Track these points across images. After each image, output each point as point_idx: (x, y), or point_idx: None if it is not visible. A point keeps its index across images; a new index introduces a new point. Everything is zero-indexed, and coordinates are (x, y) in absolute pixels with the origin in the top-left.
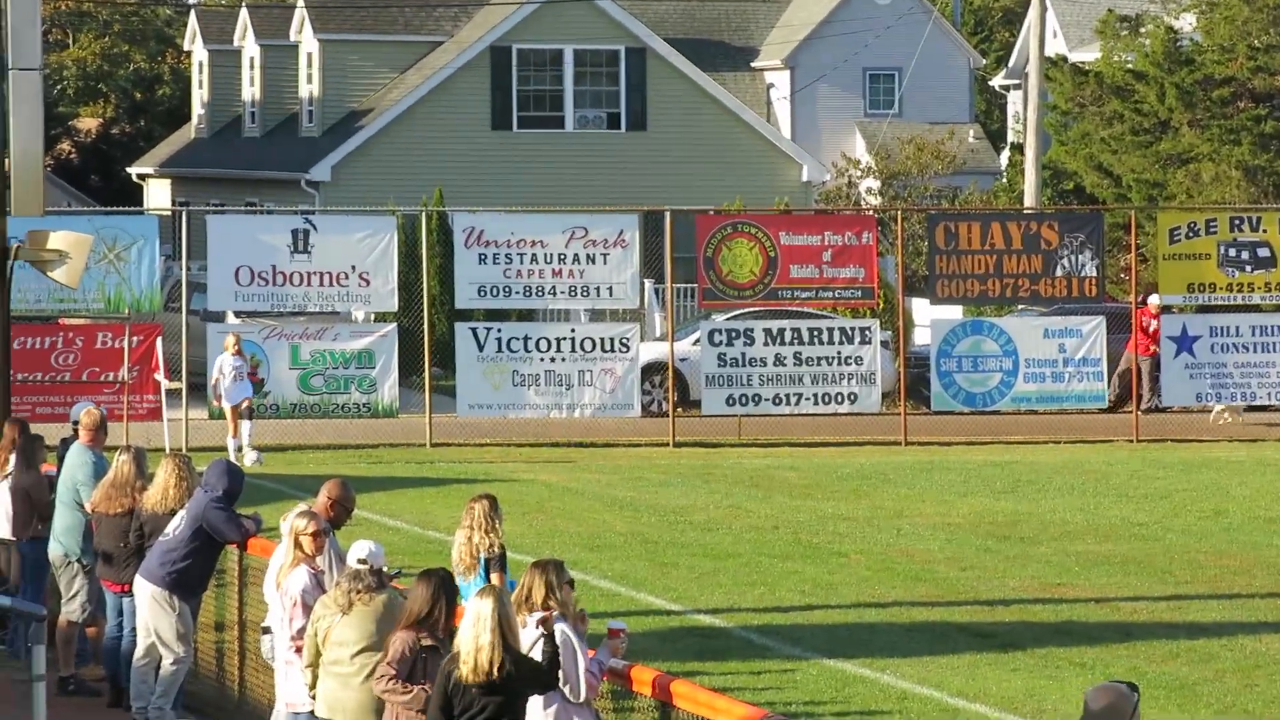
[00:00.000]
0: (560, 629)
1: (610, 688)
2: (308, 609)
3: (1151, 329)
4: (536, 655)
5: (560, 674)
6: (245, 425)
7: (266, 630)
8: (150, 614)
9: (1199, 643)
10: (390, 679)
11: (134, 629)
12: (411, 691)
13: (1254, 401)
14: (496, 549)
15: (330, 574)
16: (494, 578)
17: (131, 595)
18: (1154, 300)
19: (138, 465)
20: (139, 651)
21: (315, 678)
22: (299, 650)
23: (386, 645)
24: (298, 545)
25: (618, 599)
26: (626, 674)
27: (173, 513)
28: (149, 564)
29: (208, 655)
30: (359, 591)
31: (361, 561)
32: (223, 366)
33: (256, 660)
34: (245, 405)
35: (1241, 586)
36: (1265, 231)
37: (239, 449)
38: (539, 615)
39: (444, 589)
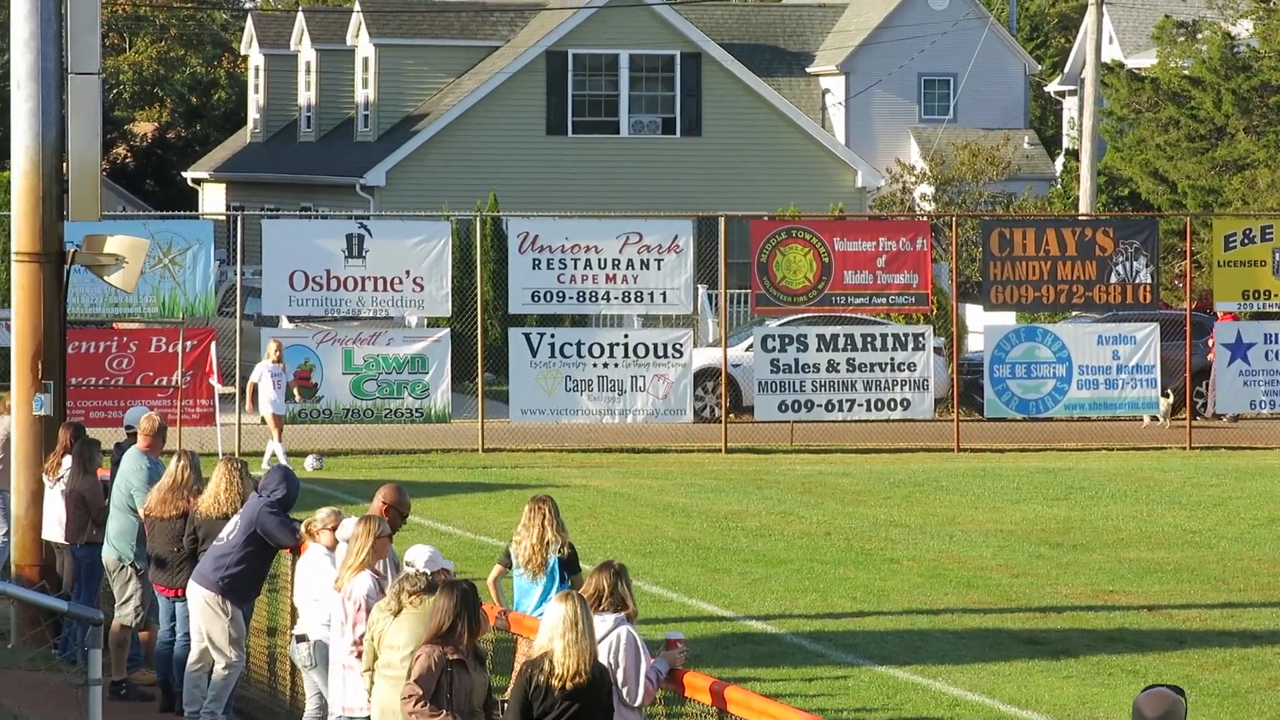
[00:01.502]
0: (627, 630)
1: (663, 694)
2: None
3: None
4: (603, 656)
5: (620, 674)
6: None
7: (302, 639)
8: (203, 618)
9: (1252, 650)
10: (417, 700)
11: (186, 634)
12: (440, 715)
13: None
14: (567, 548)
15: (388, 579)
16: (571, 579)
17: (184, 600)
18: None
19: (193, 470)
20: (192, 656)
21: (371, 683)
22: (360, 655)
23: (411, 662)
24: (372, 549)
25: (669, 605)
26: (680, 680)
27: (226, 517)
28: (202, 568)
29: (260, 660)
30: (409, 594)
31: (409, 564)
32: (263, 373)
33: None
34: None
35: None
36: None
37: (272, 456)
38: (613, 616)
39: (466, 602)
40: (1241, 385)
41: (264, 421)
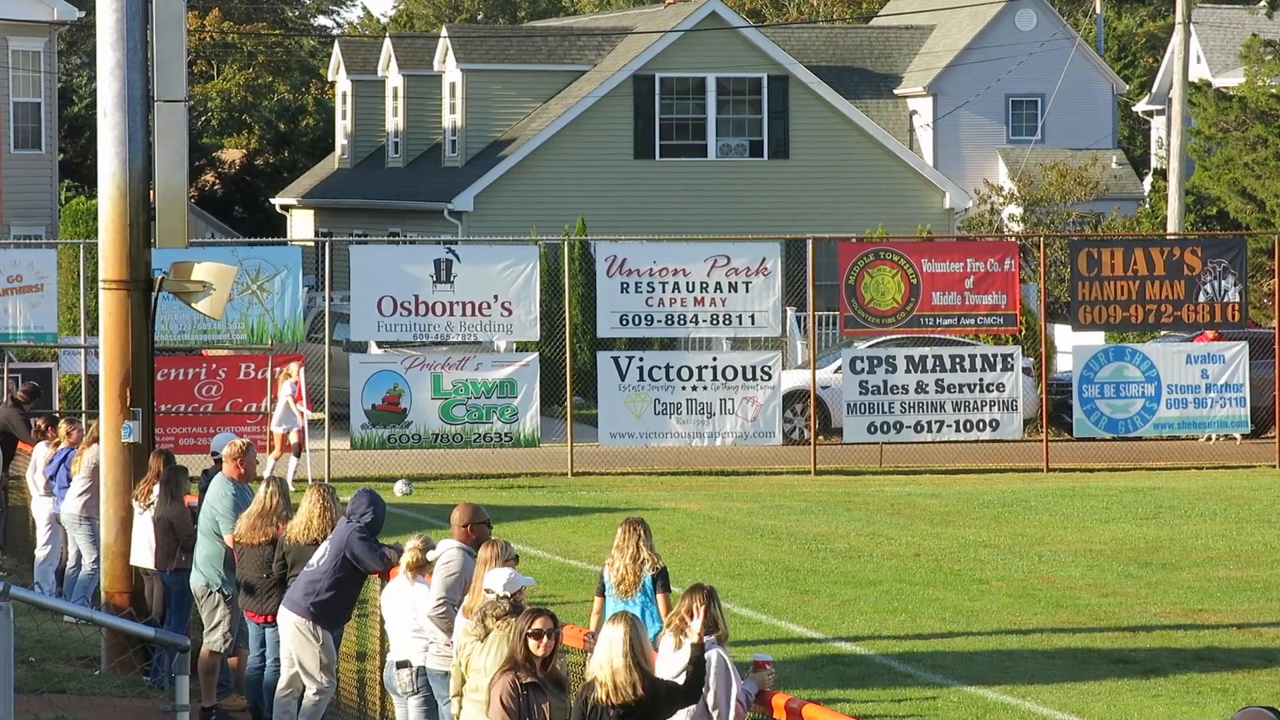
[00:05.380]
0: (718, 653)
1: (753, 716)
2: None
3: None
4: (682, 676)
5: (711, 697)
6: (293, 460)
7: (403, 665)
8: (294, 644)
9: None
10: None
11: (276, 659)
12: None
13: None
14: (660, 565)
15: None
16: (659, 598)
17: (274, 626)
18: None
19: (282, 496)
20: (282, 682)
21: (460, 708)
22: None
23: (488, 694)
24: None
25: (759, 627)
26: (769, 701)
27: (315, 543)
28: (293, 594)
29: (349, 686)
30: (494, 618)
31: (489, 590)
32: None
33: None
34: (294, 436)
35: None
36: None
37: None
38: (705, 639)
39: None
40: None
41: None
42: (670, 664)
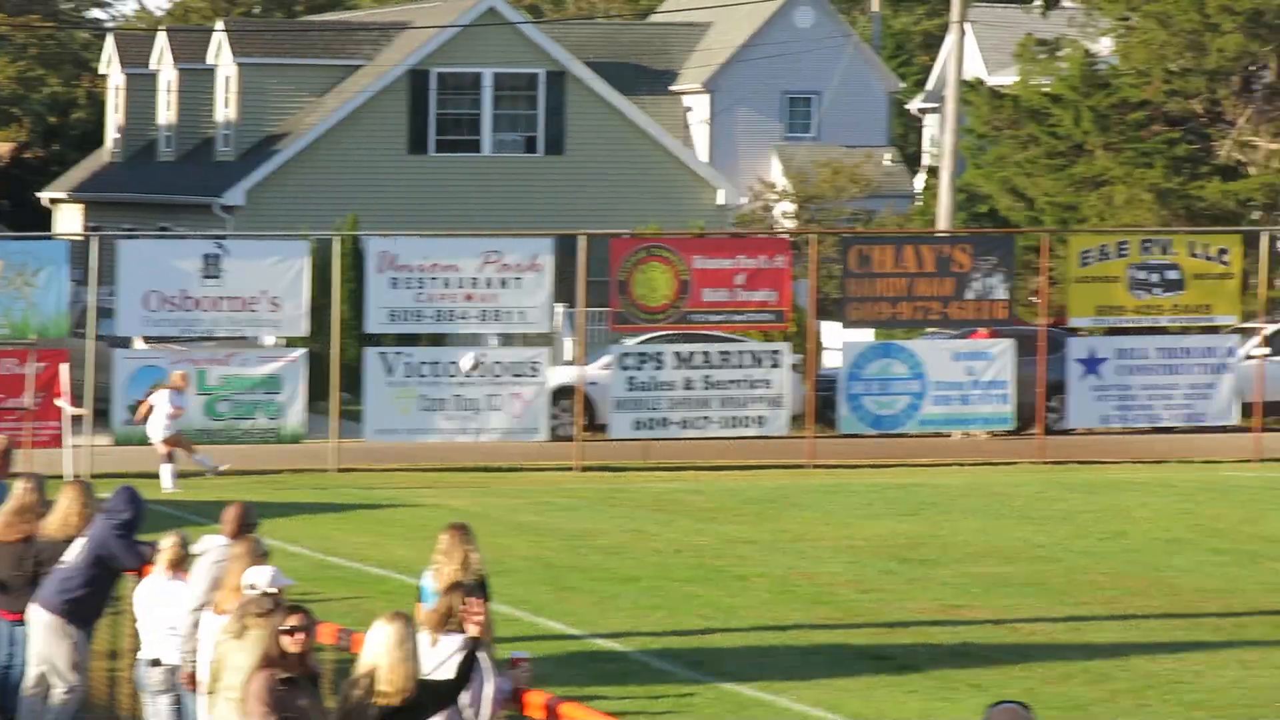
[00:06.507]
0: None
1: (507, 713)
2: None
3: None
4: (449, 673)
5: (467, 696)
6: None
7: (155, 663)
8: (44, 642)
9: (1094, 663)
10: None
11: (25, 659)
12: None
13: (1158, 424)
14: (484, 572)
15: None
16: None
17: (24, 624)
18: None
19: (39, 492)
20: (30, 681)
21: (213, 705)
22: None
23: (244, 691)
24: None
25: (518, 624)
26: (520, 698)
27: (70, 540)
28: (45, 591)
29: (100, 684)
30: (256, 615)
31: (251, 586)
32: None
33: None
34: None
35: (1138, 608)
36: (1175, 254)
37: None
38: (461, 636)
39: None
40: (1094, 400)
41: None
42: (428, 660)
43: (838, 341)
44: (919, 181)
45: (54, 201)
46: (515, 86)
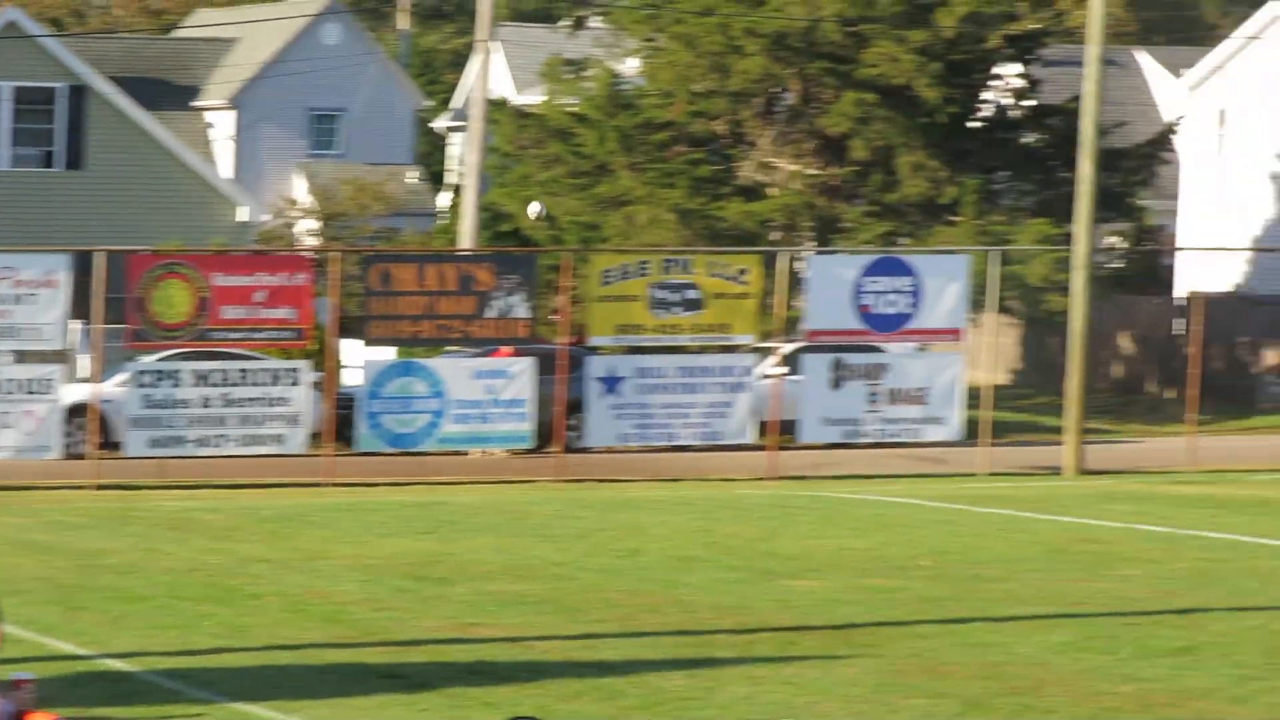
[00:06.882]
0: None
1: None
2: None
3: None
4: None
5: None
6: None
7: None
8: None
9: (606, 680)
10: None
11: None
12: None
13: (676, 442)
14: None
15: None
16: None
17: None
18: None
19: None
20: None
21: None
22: None
23: None
24: None
25: (24, 644)
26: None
27: None
28: None
29: None
30: None
31: None
32: None
33: None
34: None
35: (652, 624)
36: (695, 274)
37: None
38: None
39: None
40: (613, 418)
41: None
42: None
43: (360, 360)
44: (444, 199)
45: None
46: (36, 100)
